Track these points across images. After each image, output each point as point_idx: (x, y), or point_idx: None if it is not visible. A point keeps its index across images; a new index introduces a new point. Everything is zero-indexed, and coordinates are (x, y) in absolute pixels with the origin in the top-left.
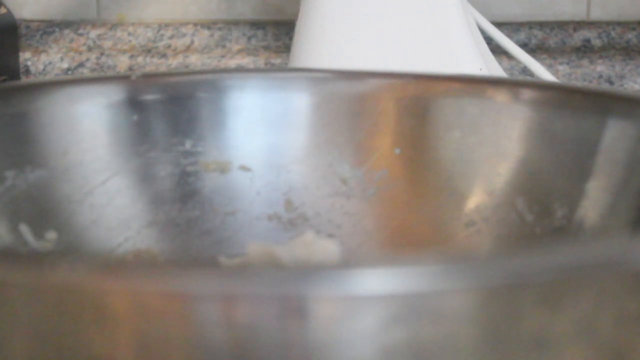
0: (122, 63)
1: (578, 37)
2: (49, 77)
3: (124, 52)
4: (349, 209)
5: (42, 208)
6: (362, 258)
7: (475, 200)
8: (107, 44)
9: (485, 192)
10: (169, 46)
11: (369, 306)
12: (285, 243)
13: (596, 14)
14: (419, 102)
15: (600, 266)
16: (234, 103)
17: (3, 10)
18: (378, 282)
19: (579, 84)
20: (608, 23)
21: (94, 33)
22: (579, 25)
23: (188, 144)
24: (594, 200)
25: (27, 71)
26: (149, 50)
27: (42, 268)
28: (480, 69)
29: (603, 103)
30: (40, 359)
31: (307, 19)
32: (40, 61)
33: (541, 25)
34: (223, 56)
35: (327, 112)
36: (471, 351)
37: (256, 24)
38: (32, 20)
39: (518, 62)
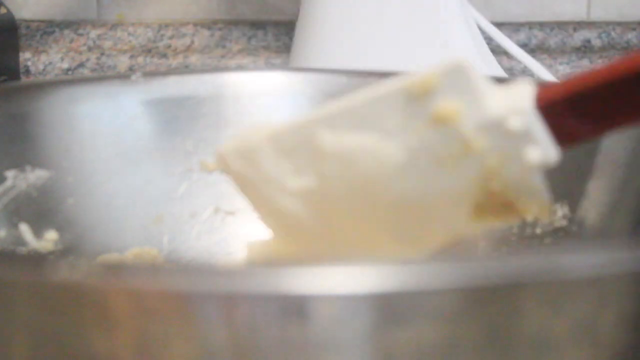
0: (122, 63)
1: (578, 37)
2: (49, 77)
3: (124, 52)
4: None
5: (42, 208)
6: (362, 258)
7: None
8: (107, 44)
9: None
10: (169, 46)
11: (369, 306)
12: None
13: (596, 14)
14: None
15: (600, 266)
16: (234, 103)
17: (3, 10)
18: (378, 281)
19: None
20: (608, 23)
21: (94, 33)
22: (579, 25)
23: (188, 144)
24: (594, 200)
25: (27, 71)
26: (149, 51)
27: (43, 268)
28: (480, 69)
29: None
30: (40, 358)
31: (307, 19)
32: (40, 61)
33: (541, 25)
34: (223, 56)
35: None
36: (471, 351)
37: (256, 24)
38: (32, 21)
39: (518, 62)
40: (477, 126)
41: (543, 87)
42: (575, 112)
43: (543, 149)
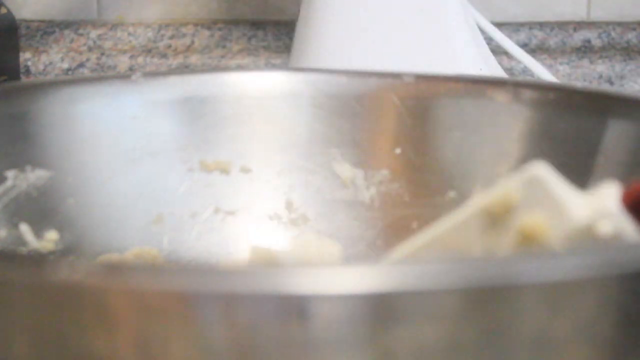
0: (123, 63)
1: (578, 37)
2: (49, 77)
3: (124, 52)
4: (350, 209)
5: (42, 208)
6: (362, 258)
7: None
8: (108, 44)
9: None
10: (170, 46)
11: (369, 306)
12: (286, 243)
13: (596, 14)
14: (419, 102)
15: (600, 266)
16: (234, 103)
17: (3, 11)
18: (378, 281)
19: (579, 84)
20: (608, 23)
21: (94, 33)
22: (579, 25)
23: (188, 144)
24: None
25: (27, 71)
26: (149, 51)
27: (43, 268)
28: (480, 69)
29: (603, 103)
30: (40, 358)
31: (307, 19)
32: (40, 61)
33: (541, 25)
34: (223, 56)
35: (327, 112)
36: (471, 351)
37: (256, 24)
38: (32, 21)
39: (518, 62)
40: (565, 236)
41: (627, 187)
42: None
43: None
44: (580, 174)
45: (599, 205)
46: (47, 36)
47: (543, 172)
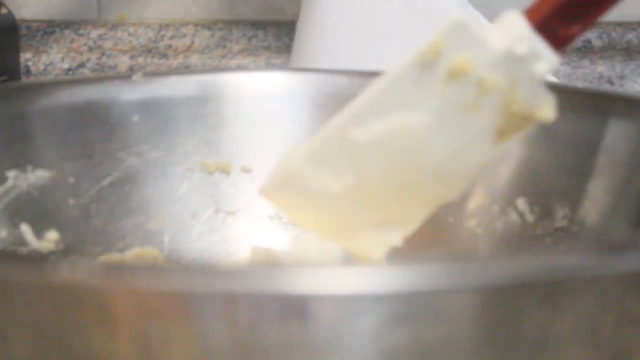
0: (123, 63)
1: (578, 38)
2: (49, 77)
3: (124, 52)
4: None
5: (43, 208)
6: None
7: (476, 200)
8: (108, 44)
9: (486, 192)
10: (170, 46)
11: (370, 306)
12: (286, 243)
13: None
14: None
15: (600, 266)
16: (235, 103)
17: (3, 11)
18: (378, 281)
19: (579, 84)
20: (608, 23)
21: (94, 33)
22: None
23: (189, 144)
24: (595, 200)
25: (28, 71)
26: (149, 51)
27: (44, 268)
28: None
29: (604, 104)
30: (41, 358)
31: (307, 19)
32: (40, 61)
33: None
34: (223, 56)
35: (327, 112)
36: (471, 351)
37: (257, 24)
38: (33, 21)
39: None
40: (489, 65)
41: (528, 10)
42: (562, 20)
43: (547, 60)
44: (580, 174)
45: (511, 31)
46: (47, 36)
47: (463, 17)
